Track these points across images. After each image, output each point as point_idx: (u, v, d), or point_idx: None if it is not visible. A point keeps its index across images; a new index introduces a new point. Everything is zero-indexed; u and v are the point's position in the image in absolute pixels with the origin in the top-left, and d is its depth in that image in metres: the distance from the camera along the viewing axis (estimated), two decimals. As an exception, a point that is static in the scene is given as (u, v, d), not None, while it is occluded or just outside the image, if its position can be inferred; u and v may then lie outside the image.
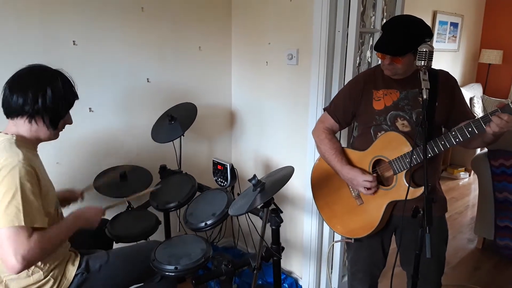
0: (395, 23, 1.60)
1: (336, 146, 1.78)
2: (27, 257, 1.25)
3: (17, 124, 1.42)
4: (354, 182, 1.70)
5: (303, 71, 2.31)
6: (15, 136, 1.39)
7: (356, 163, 1.75)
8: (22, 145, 1.37)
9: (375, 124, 1.69)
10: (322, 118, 1.88)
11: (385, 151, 1.64)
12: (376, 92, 1.69)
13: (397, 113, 1.64)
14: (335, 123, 1.82)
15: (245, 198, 1.63)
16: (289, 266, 2.71)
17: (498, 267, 2.96)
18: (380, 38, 1.61)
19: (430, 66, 1.41)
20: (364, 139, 1.75)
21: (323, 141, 1.81)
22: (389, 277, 1.52)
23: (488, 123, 1.38)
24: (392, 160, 1.62)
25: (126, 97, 2.32)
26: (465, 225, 3.65)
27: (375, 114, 1.68)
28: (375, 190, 1.67)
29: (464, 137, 1.44)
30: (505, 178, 2.86)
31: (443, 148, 1.49)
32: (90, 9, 2.09)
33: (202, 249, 1.70)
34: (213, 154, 2.82)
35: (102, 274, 1.59)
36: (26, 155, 1.34)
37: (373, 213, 1.70)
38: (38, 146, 1.51)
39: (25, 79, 1.41)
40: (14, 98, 1.38)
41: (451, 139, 1.47)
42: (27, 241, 1.26)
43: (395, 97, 1.65)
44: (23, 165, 1.30)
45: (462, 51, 5.79)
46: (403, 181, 1.60)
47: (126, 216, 2.04)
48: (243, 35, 2.68)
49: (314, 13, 2.15)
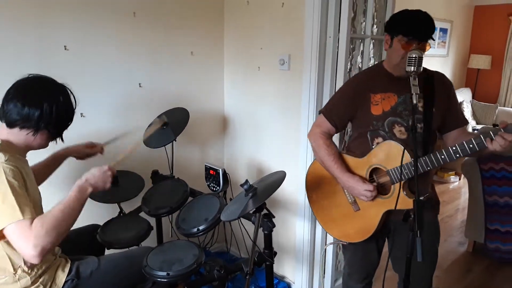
0: (416, 11, 1.55)
1: (334, 152, 1.73)
2: (38, 243, 1.25)
3: (13, 133, 1.40)
4: (354, 191, 1.67)
5: (295, 76, 2.33)
6: (1, 141, 1.38)
7: (354, 169, 1.71)
8: (6, 150, 1.35)
9: (372, 129, 1.66)
10: (318, 122, 1.82)
11: (384, 160, 1.61)
12: (373, 96, 1.65)
13: (395, 119, 1.61)
14: (332, 127, 1.76)
15: (237, 203, 1.63)
16: (282, 270, 2.71)
17: (489, 270, 2.99)
18: (409, 26, 1.53)
19: (420, 71, 1.42)
20: (360, 143, 1.71)
21: (321, 147, 1.75)
22: (381, 280, 1.53)
23: (491, 141, 1.38)
24: (390, 169, 1.60)
25: (118, 102, 2.31)
26: (455, 228, 3.68)
27: (373, 119, 1.64)
28: (373, 200, 1.65)
29: (465, 153, 1.43)
30: (495, 181, 2.89)
31: (442, 162, 1.48)
32: (82, 14, 2.08)
33: (194, 254, 1.69)
34: (205, 159, 2.82)
35: (93, 280, 1.58)
36: (10, 157, 1.32)
37: (370, 221, 1.68)
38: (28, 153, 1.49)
39: (36, 91, 1.40)
40: (27, 111, 1.36)
41: (451, 154, 1.45)
42: (30, 231, 1.26)
43: (393, 102, 1.61)
44: (6, 164, 1.29)
45: (451, 56, 5.87)
46: (401, 191, 1.57)
47: (117, 222, 2.03)
48: (235, 40, 2.69)
49: (306, 18, 2.17)
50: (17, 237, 1.26)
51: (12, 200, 1.26)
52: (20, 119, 1.37)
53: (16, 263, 1.39)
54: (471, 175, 3.03)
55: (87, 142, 1.90)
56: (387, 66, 1.67)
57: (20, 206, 1.26)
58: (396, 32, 1.55)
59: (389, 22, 1.61)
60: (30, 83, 1.42)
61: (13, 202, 1.26)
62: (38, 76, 1.45)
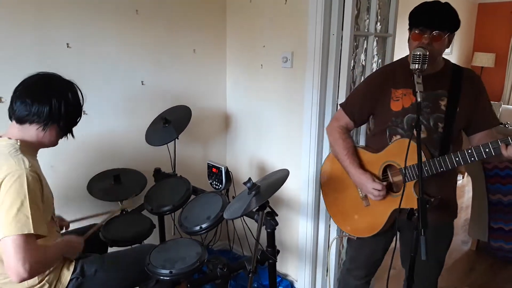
0: (433, 1, 1.49)
1: (350, 146, 1.72)
2: (34, 266, 1.26)
3: (24, 129, 1.41)
4: (363, 188, 1.67)
5: (298, 74, 2.32)
6: (19, 142, 1.38)
7: (367, 164, 1.70)
8: (26, 151, 1.37)
9: (390, 126, 1.63)
10: (337, 116, 1.81)
11: (399, 158, 1.59)
12: (395, 91, 1.61)
13: (415, 116, 1.52)
14: (350, 122, 1.75)
15: (240, 201, 1.63)
16: (285, 269, 2.70)
17: (492, 268, 2.98)
18: (418, 16, 1.49)
19: (424, 69, 1.39)
20: (378, 139, 1.69)
21: (337, 141, 1.75)
22: (385, 279, 1.52)
23: (506, 147, 1.35)
24: (403, 167, 1.55)
25: (121, 100, 2.31)
26: (459, 227, 3.66)
27: (392, 115, 1.61)
28: (384, 197, 1.63)
29: (480, 157, 1.40)
30: (499, 180, 2.88)
31: (456, 164, 1.45)
32: (84, 11, 2.08)
33: (197, 252, 1.69)
34: (208, 157, 2.81)
35: (97, 278, 1.58)
36: (32, 162, 1.34)
37: (378, 217, 1.68)
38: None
39: (45, 88, 1.41)
40: (36, 107, 1.37)
41: (466, 157, 1.42)
42: (35, 250, 1.26)
43: (414, 98, 1.52)
44: (29, 172, 1.30)
45: (455, 54, 5.84)
46: (411, 190, 1.56)
47: (120, 220, 2.03)
48: (238, 38, 2.68)
49: (309, 16, 2.16)
50: (20, 249, 1.24)
51: (28, 211, 1.26)
52: (29, 115, 1.38)
53: None
54: (475, 173, 3.02)
55: (59, 216, 1.84)
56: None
57: (33, 219, 1.27)
58: (410, 25, 1.53)
59: (408, 19, 1.55)
60: (38, 80, 1.43)
61: (28, 214, 1.26)
62: (45, 73, 1.46)
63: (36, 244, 1.28)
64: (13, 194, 1.26)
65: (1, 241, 1.25)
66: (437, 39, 1.47)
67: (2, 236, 1.24)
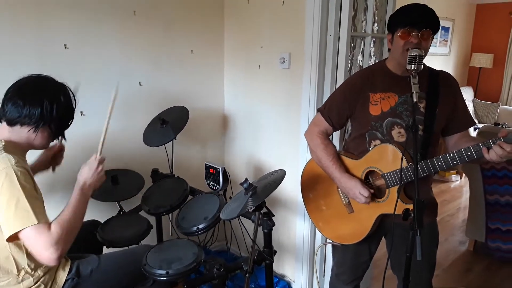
0: (413, 4, 1.50)
1: (333, 152, 1.70)
2: (58, 246, 1.27)
3: (14, 131, 1.40)
4: (350, 192, 1.64)
5: (295, 74, 2.32)
6: (4, 141, 1.37)
7: (349, 171, 1.69)
8: (11, 151, 1.35)
9: (369, 130, 1.62)
10: (316, 121, 1.79)
11: (380, 163, 1.58)
12: (373, 96, 1.60)
13: (394, 120, 1.56)
14: (329, 126, 1.73)
15: (237, 202, 1.63)
16: (282, 269, 2.71)
17: (490, 269, 2.98)
18: (406, 15, 1.49)
19: (420, 70, 1.40)
20: (358, 144, 1.69)
21: (318, 147, 1.72)
22: (381, 281, 1.53)
23: (487, 150, 1.34)
24: (385, 173, 1.57)
25: (118, 101, 2.30)
26: (456, 227, 3.67)
27: (371, 119, 1.60)
28: (368, 203, 1.62)
29: (462, 160, 1.39)
30: (496, 180, 2.89)
31: (439, 168, 1.45)
32: (82, 12, 2.08)
33: (194, 253, 1.69)
34: (205, 157, 2.81)
35: (93, 279, 1.58)
36: (17, 159, 1.33)
37: (363, 223, 1.66)
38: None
39: (36, 90, 1.41)
40: (27, 109, 1.36)
41: (448, 161, 1.42)
42: (49, 233, 1.27)
43: (392, 102, 1.56)
44: (17, 168, 1.29)
45: (453, 54, 5.85)
46: (395, 195, 1.54)
47: (117, 220, 2.03)
48: (235, 39, 2.69)
49: (306, 17, 2.17)
50: (35, 241, 1.26)
51: (25, 204, 1.26)
52: (20, 117, 1.37)
53: (20, 264, 1.39)
54: (472, 174, 3.02)
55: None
56: (390, 65, 1.62)
57: (35, 210, 1.27)
58: (395, 27, 1.52)
59: (389, 21, 1.58)
60: (30, 82, 1.42)
61: (26, 207, 1.26)
62: (37, 75, 1.45)
63: (46, 228, 1.28)
64: (7, 192, 1.25)
65: (8, 238, 1.27)
66: (426, 38, 1.47)
67: (8, 234, 1.25)
